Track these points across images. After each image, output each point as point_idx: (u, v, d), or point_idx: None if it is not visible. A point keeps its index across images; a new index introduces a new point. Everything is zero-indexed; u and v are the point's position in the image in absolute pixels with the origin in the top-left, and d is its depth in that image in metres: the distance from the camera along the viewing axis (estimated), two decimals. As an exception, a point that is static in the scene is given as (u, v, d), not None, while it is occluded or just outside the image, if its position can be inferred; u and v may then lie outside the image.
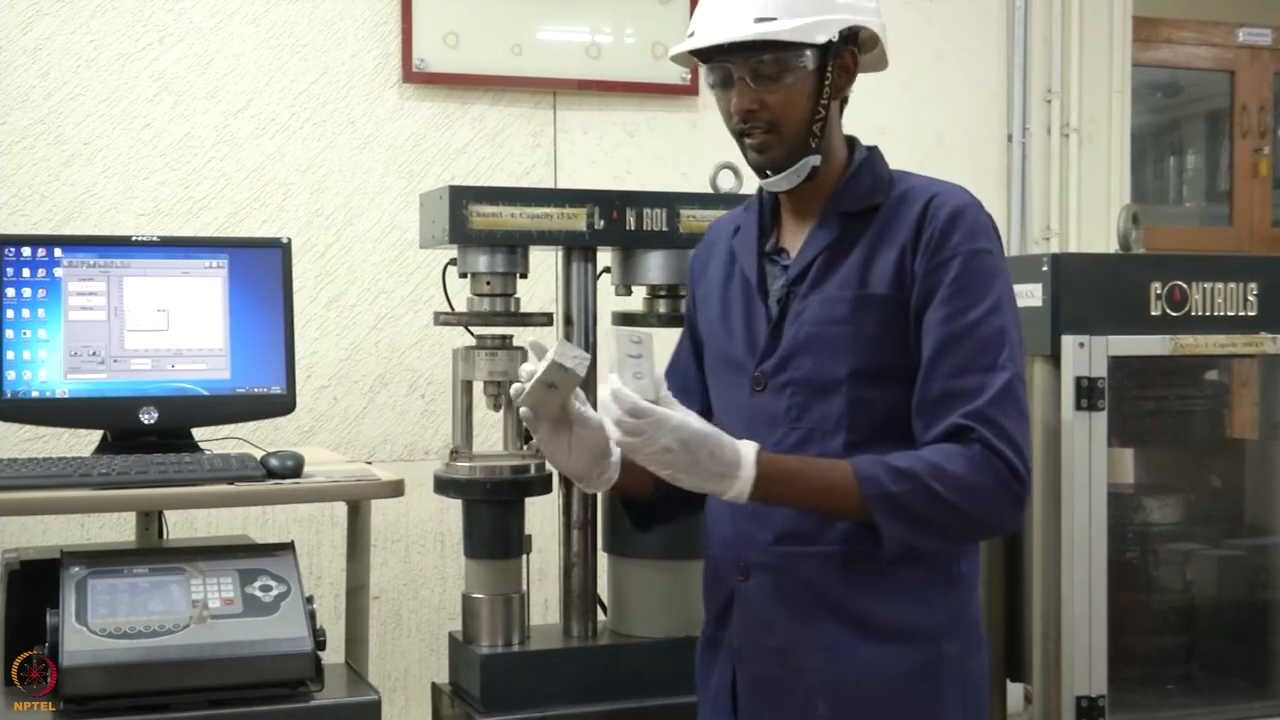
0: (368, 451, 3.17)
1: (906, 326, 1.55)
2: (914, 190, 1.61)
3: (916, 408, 1.53)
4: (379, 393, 3.20)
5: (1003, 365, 1.51)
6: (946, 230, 1.55)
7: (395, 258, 3.22)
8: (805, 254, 1.61)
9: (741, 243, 1.68)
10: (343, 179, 3.19)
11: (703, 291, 1.73)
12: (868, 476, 1.48)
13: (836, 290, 1.57)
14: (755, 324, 1.62)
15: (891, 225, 1.58)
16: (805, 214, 1.65)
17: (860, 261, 1.57)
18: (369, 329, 3.20)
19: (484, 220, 2.28)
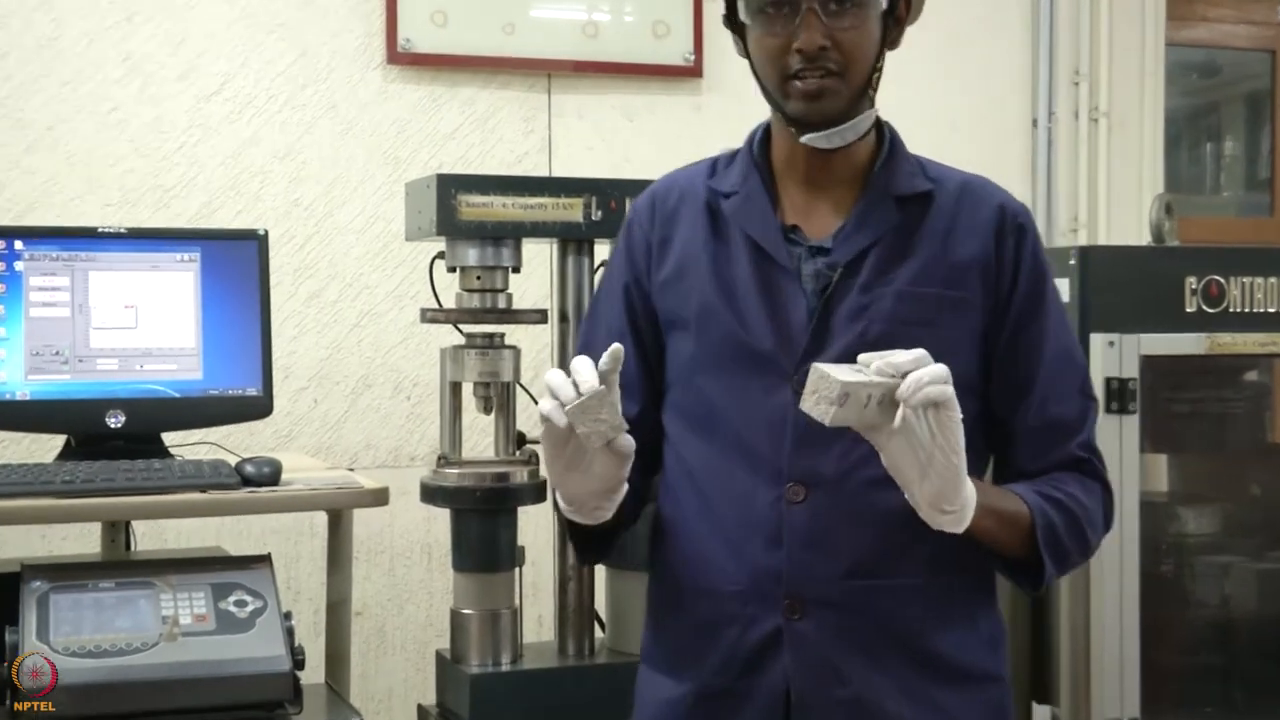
0: (349, 458, 3.17)
1: (979, 337, 1.53)
2: (970, 187, 1.58)
3: (1020, 433, 1.53)
4: (362, 395, 3.20)
5: (1092, 392, 1.58)
6: (1035, 247, 1.56)
7: (379, 250, 3.21)
8: (856, 239, 1.52)
9: (746, 212, 1.55)
10: (323, 166, 3.19)
11: (675, 262, 1.58)
12: (1039, 508, 1.48)
13: (911, 285, 1.50)
14: (788, 314, 1.50)
15: (959, 222, 1.53)
16: (826, 188, 1.56)
17: (933, 257, 1.52)
18: (351, 327, 3.20)
19: (474, 211, 2.27)
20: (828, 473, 1.49)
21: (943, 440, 1.33)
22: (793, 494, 1.49)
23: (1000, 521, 1.47)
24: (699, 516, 1.54)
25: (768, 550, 1.50)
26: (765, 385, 1.51)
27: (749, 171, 1.58)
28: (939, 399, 1.31)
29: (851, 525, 1.49)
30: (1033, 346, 1.54)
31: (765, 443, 1.50)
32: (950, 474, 1.35)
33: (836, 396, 1.29)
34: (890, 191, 1.54)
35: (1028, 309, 1.54)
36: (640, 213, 1.63)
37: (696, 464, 1.55)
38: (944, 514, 1.38)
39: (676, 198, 1.60)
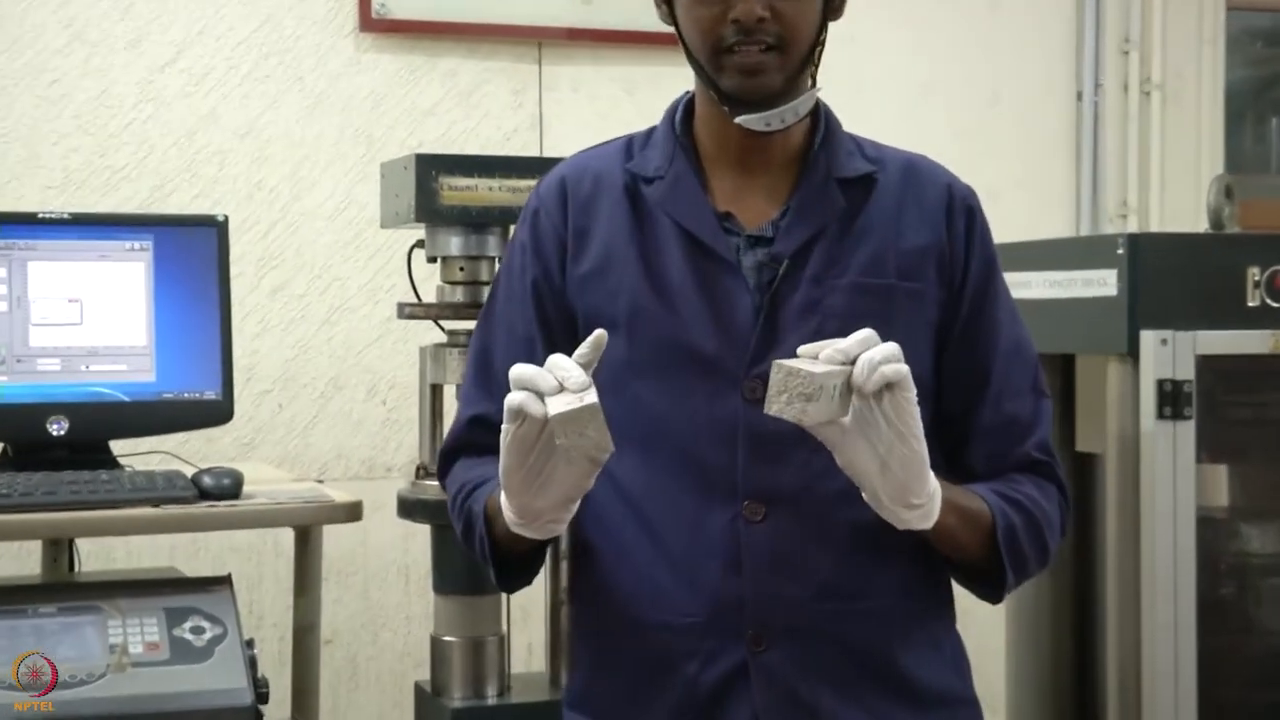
0: (319, 468, 3.18)
1: (934, 332, 1.54)
2: (915, 167, 1.58)
3: (974, 433, 1.54)
4: (332, 398, 3.21)
5: (1045, 388, 1.60)
6: (983, 231, 1.57)
7: (351, 239, 3.22)
8: (800, 227, 1.52)
9: (674, 198, 1.53)
10: (289, 146, 3.20)
11: (596, 256, 1.55)
12: (998, 508, 1.49)
13: (865, 276, 1.51)
14: (732, 312, 1.50)
15: (907, 206, 1.55)
16: (759, 172, 1.54)
17: (884, 245, 1.53)
18: (320, 323, 3.21)
19: (457, 194, 2.28)
20: (788, 487, 1.48)
21: (900, 425, 1.33)
22: (751, 512, 1.48)
23: (963, 519, 1.47)
24: (639, 543, 1.52)
25: (726, 576, 1.48)
26: (711, 392, 1.49)
27: (674, 153, 1.56)
28: (894, 378, 1.32)
29: (817, 544, 1.49)
30: (985, 340, 1.54)
31: (715, 456, 1.49)
32: (913, 463, 1.35)
33: (813, 391, 1.29)
34: (832, 174, 1.55)
35: (979, 299, 1.54)
36: (548, 200, 1.59)
37: (633, 484, 1.52)
38: (910, 508, 1.38)
39: (591, 183, 1.57)
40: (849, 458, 1.36)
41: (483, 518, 1.50)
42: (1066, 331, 2.54)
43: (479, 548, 1.52)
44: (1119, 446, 2.36)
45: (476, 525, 1.51)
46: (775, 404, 1.31)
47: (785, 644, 1.49)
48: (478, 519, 1.51)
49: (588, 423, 1.30)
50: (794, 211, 1.53)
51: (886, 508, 1.39)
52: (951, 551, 1.51)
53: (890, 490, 1.37)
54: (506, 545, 1.50)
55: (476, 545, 1.53)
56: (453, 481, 1.59)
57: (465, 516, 1.54)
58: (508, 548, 1.51)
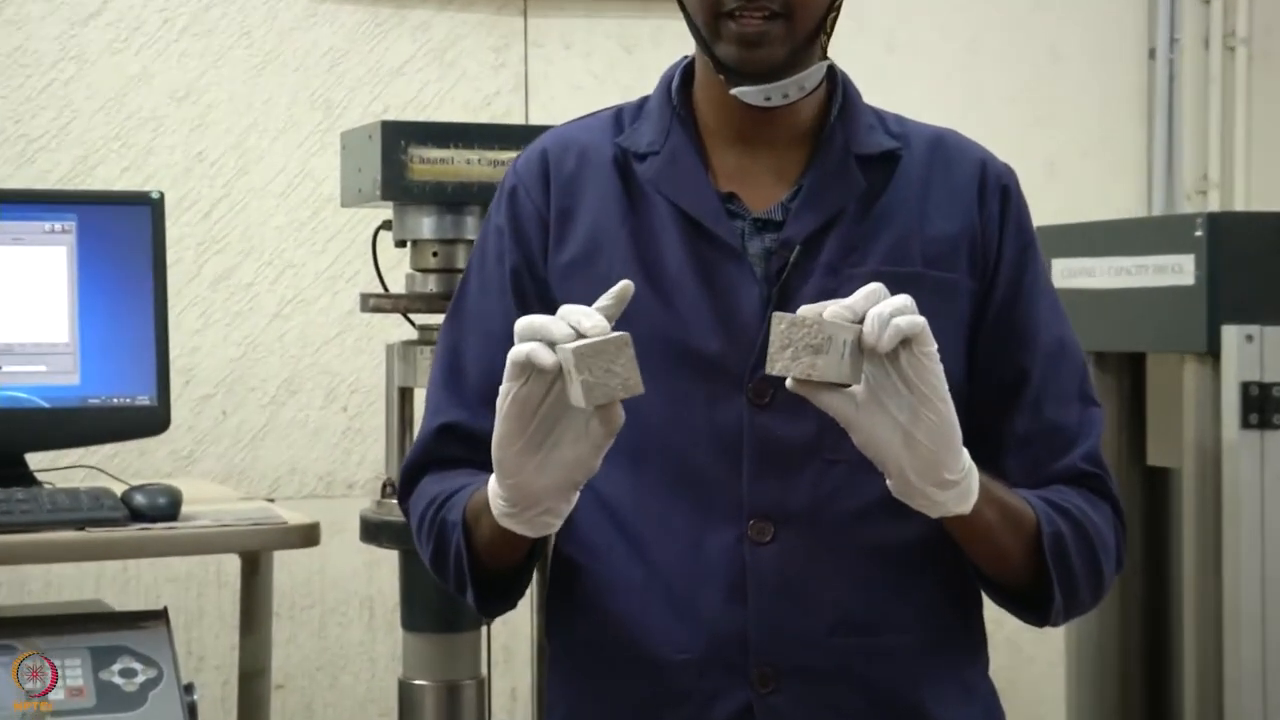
0: (269, 485, 3.18)
1: (966, 329, 1.55)
2: (944, 142, 1.59)
3: (1011, 443, 1.55)
4: (285, 404, 3.21)
5: (1094, 394, 1.61)
6: (1021, 214, 1.57)
7: (307, 219, 3.22)
8: (813, 209, 1.53)
9: (672, 177, 1.55)
10: (234, 111, 3.20)
11: (582, 241, 1.56)
12: (1044, 512, 1.48)
13: (888, 264, 1.52)
14: (737, 305, 1.51)
15: (934, 187, 1.56)
16: (765, 147, 1.56)
17: (910, 230, 1.54)
18: (271, 317, 3.21)
19: (429, 168, 2.28)
20: (800, 504, 1.48)
21: (923, 386, 1.33)
22: (757, 533, 1.48)
23: (1003, 515, 1.46)
24: (628, 567, 1.52)
25: (728, 606, 1.49)
26: (712, 396, 1.50)
27: (670, 126, 1.58)
28: (910, 331, 1.32)
29: (834, 569, 1.49)
30: (1023, 338, 1.55)
31: (716, 469, 1.49)
32: (942, 429, 1.35)
33: (821, 341, 1.29)
34: (850, 150, 1.56)
35: (1015, 291, 1.55)
36: (527, 178, 1.60)
37: (620, 499, 1.53)
38: (944, 486, 1.38)
39: (575, 159, 1.59)
40: (867, 433, 1.35)
41: (460, 527, 1.50)
42: (1136, 327, 2.54)
43: (454, 565, 1.52)
44: (1197, 460, 2.37)
45: (452, 538, 1.51)
46: (779, 361, 1.30)
47: (796, 685, 1.48)
48: (454, 530, 1.50)
49: (615, 356, 1.29)
50: (807, 192, 1.53)
51: (916, 488, 1.37)
52: (988, 559, 1.50)
53: (918, 465, 1.36)
54: (489, 558, 1.50)
55: (451, 563, 1.52)
56: (419, 499, 1.58)
57: (437, 531, 1.53)
58: (490, 562, 1.51)
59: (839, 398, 1.33)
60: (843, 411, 1.34)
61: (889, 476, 1.38)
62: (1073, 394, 1.57)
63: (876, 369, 1.33)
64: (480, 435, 1.50)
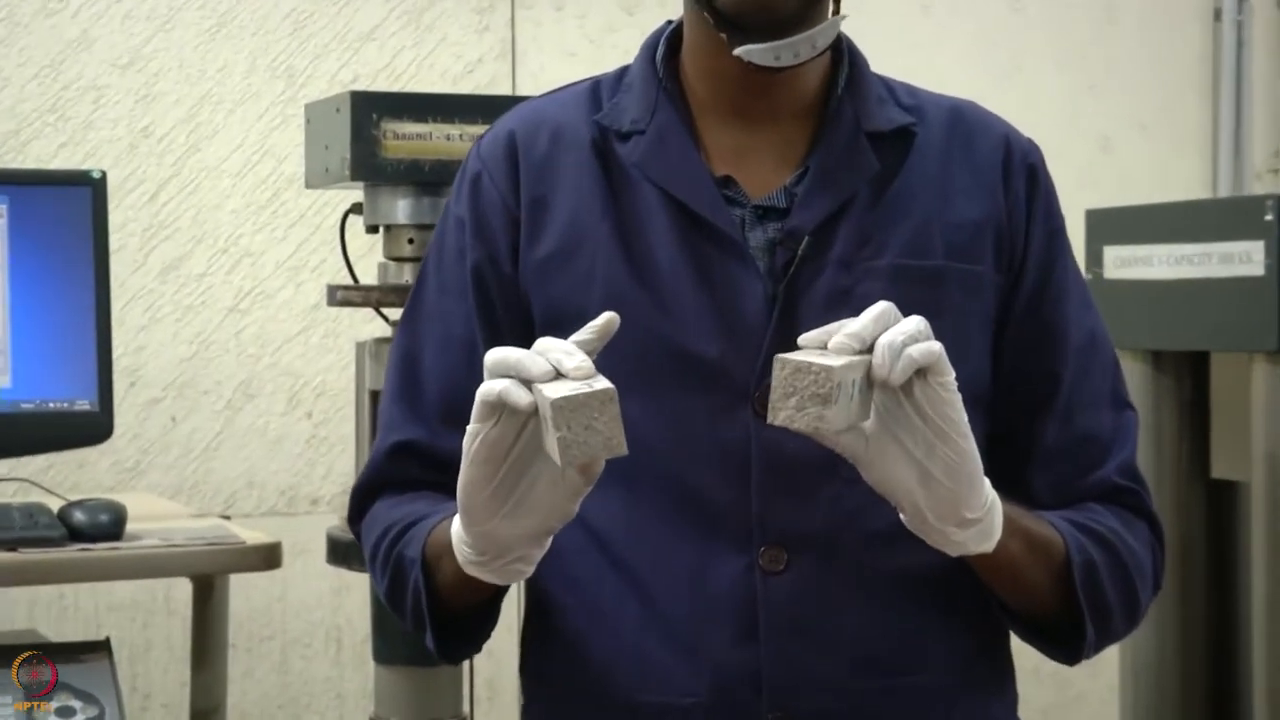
0: (224, 500, 3.18)
1: (991, 328, 1.55)
2: (962, 115, 1.59)
3: (1038, 454, 1.55)
4: (242, 410, 3.22)
5: (1128, 397, 1.61)
6: (1049, 198, 1.58)
7: (267, 202, 3.23)
8: (822, 195, 1.52)
9: (660, 159, 1.53)
10: (185, 80, 3.20)
11: (559, 233, 1.55)
12: (1073, 539, 1.49)
13: (908, 257, 1.52)
14: (739, 304, 1.50)
15: (954, 166, 1.56)
16: (765, 124, 1.55)
17: (930, 217, 1.53)
18: (226, 311, 3.21)
19: (404, 145, 2.28)
20: (816, 527, 1.48)
21: (939, 420, 1.32)
22: (769, 561, 1.48)
23: (1029, 546, 1.46)
24: (620, 602, 1.52)
25: (738, 644, 1.49)
26: (713, 408, 1.49)
27: (656, 100, 1.56)
28: (924, 361, 1.31)
29: (855, 600, 1.49)
30: (1052, 336, 1.55)
31: (721, 490, 1.49)
32: (962, 465, 1.34)
33: (829, 390, 1.28)
34: (861, 127, 1.54)
35: (1044, 284, 1.55)
36: (492, 162, 1.58)
37: (611, 525, 1.52)
38: (964, 525, 1.37)
39: (548, 140, 1.57)
40: (880, 471, 1.35)
41: (419, 564, 1.49)
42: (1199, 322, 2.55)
43: (412, 605, 1.51)
44: (1268, 471, 2.37)
45: (411, 575, 1.49)
46: (782, 411, 1.30)
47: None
48: (412, 567, 1.49)
49: (598, 412, 1.28)
50: (815, 174, 1.52)
51: (934, 528, 1.37)
52: (1013, 593, 1.50)
53: (936, 505, 1.36)
54: (451, 600, 1.50)
55: (409, 602, 1.51)
56: (372, 525, 1.58)
57: (394, 567, 1.52)
58: (452, 603, 1.50)
59: (847, 434, 1.33)
60: (851, 448, 1.34)
61: (903, 513, 1.38)
62: (1104, 397, 1.57)
63: (889, 400, 1.32)
64: (439, 455, 1.50)
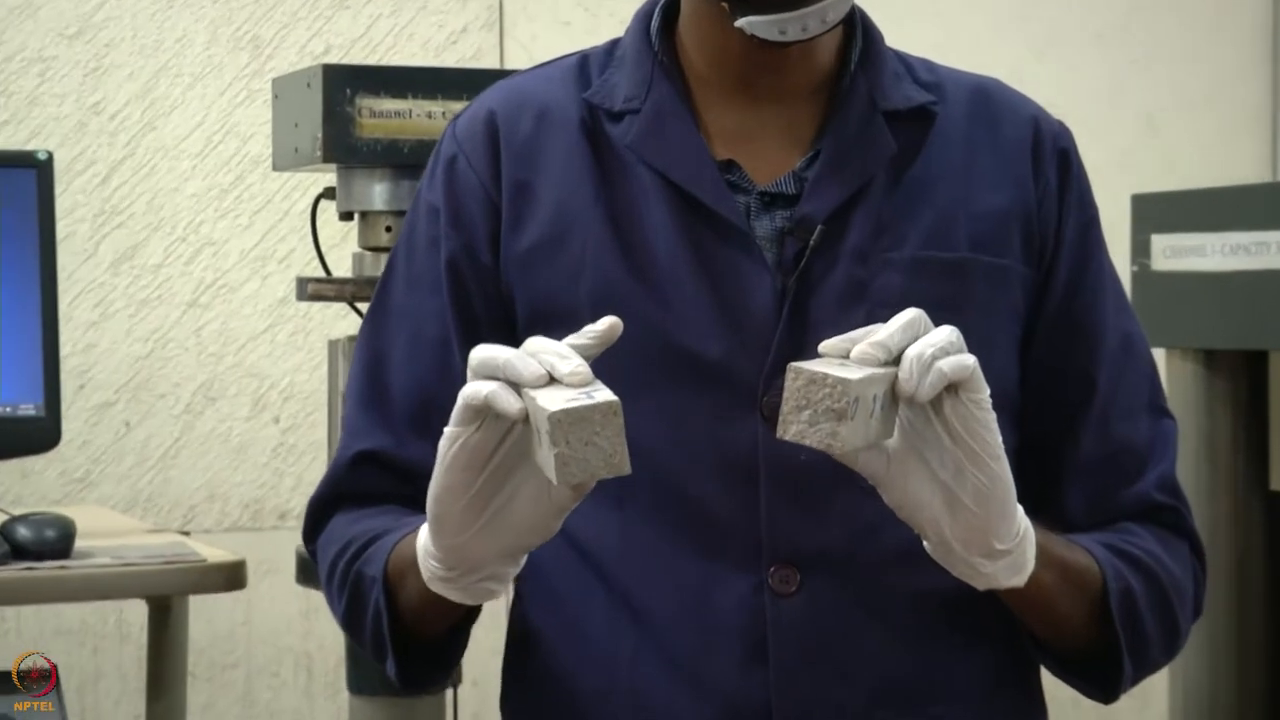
0: (183, 514, 3.19)
1: (1020, 327, 1.56)
2: (987, 95, 1.60)
3: (1071, 467, 1.56)
4: (202, 414, 3.22)
5: (1166, 404, 1.61)
6: (1082, 185, 1.59)
7: (230, 186, 3.23)
8: (835, 180, 1.52)
9: (657, 141, 1.54)
10: (139, 52, 3.20)
11: (546, 221, 1.56)
12: (1110, 565, 1.50)
13: (929, 248, 1.52)
14: (746, 300, 1.51)
15: (979, 150, 1.57)
16: (772, 103, 1.56)
17: (953, 205, 1.54)
18: (184, 306, 3.22)
19: (381, 124, 2.29)
20: (832, 544, 1.49)
21: (971, 441, 1.32)
22: (780, 581, 1.48)
23: (1063, 577, 1.47)
24: (613, 628, 1.52)
25: (746, 673, 1.49)
26: (718, 412, 1.50)
27: (651, 76, 1.57)
28: (957, 376, 1.30)
29: (875, 624, 1.49)
30: (1085, 338, 1.56)
31: (726, 503, 1.49)
32: (995, 491, 1.34)
33: (845, 404, 1.28)
34: (877, 106, 1.55)
35: (1077, 279, 1.56)
36: (470, 143, 1.59)
37: (602, 542, 1.52)
38: (993, 557, 1.37)
39: (532, 119, 1.58)
40: (902, 494, 1.35)
41: (380, 584, 1.48)
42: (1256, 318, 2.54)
43: (372, 628, 1.50)
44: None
45: (370, 596, 1.49)
46: (793, 425, 1.30)
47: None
48: (372, 587, 1.49)
49: (601, 426, 1.28)
50: (827, 157, 1.53)
51: (960, 558, 1.38)
52: (1046, 626, 1.50)
53: (964, 533, 1.36)
54: (415, 623, 1.49)
55: (368, 625, 1.51)
56: (330, 542, 1.57)
57: (352, 586, 1.51)
58: (417, 628, 1.50)
59: (867, 453, 1.33)
60: (870, 468, 1.34)
61: (926, 540, 1.38)
62: (1142, 403, 1.58)
63: (915, 416, 1.32)
64: (406, 465, 1.50)
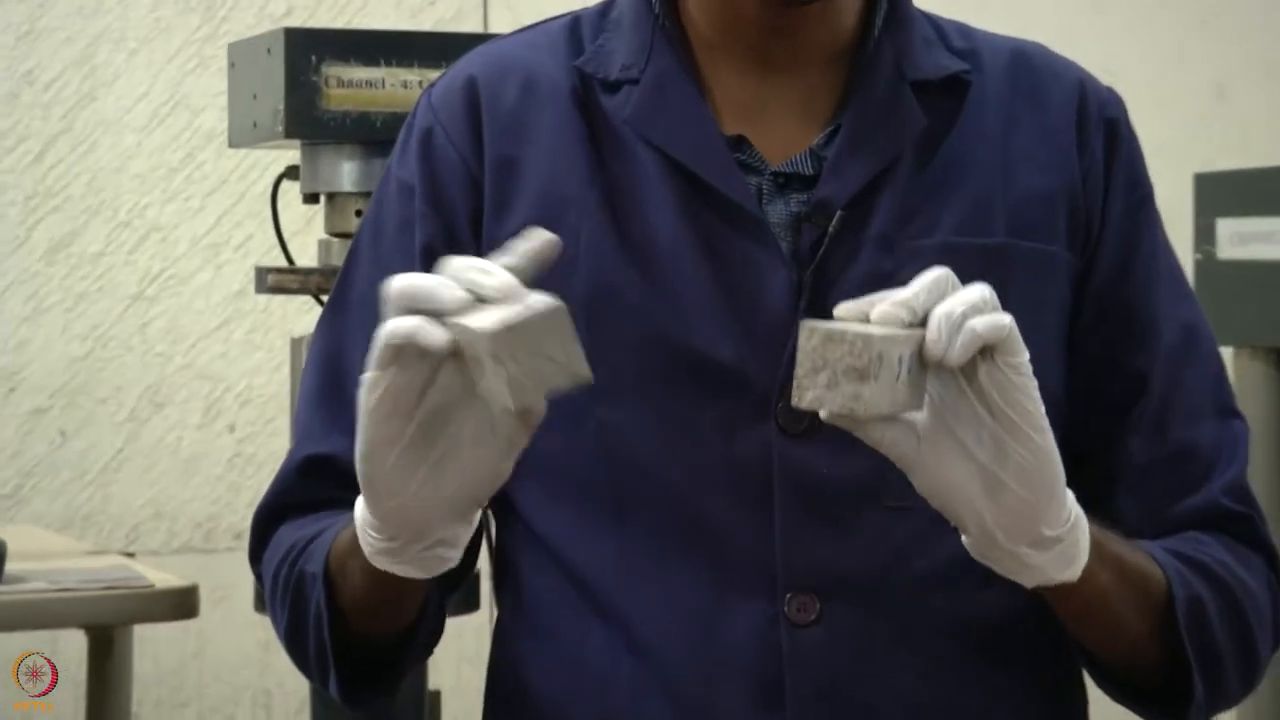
0: (126, 534, 3.19)
1: (1067, 319, 1.57)
2: (1028, 60, 1.61)
3: (1127, 472, 1.57)
4: (148, 422, 3.23)
5: (1234, 402, 1.62)
6: (1134, 159, 1.61)
7: (180, 165, 3.25)
8: (858, 159, 1.54)
9: (659, 114, 1.56)
10: (77, 13, 3.20)
11: (532, 204, 1.57)
12: (1175, 570, 1.50)
13: (960, 234, 1.54)
14: (759, 293, 1.53)
15: (1020, 123, 1.59)
16: (787, 72, 1.58)
17: (988, 186, 1.56)
18: (129, 300, 3.23)
19: (350, 94, 2.29)
20: (856, 569, 1.50)
21: (1011, 411, 1.31)
22: (797, 610, 1.50)
23: (1120, 576, 1.47)
24: (610, 662, 1.53)
25: (758, 711, 1.50)
26: (728, 421, 1.51)
27: (651, 42, 1.59)
28: (992, 336, 1.29)
29: (902, 658, 1.51)
30: (1140, 329, 1.58)
31: (736, 523, 1.50)
32: (1041, 468, 1.34)
33: (867, 363, 1.26)
34: (904, 76, 1.56)
35: (1127, 265, 1.58)
36: (447, 114, 1.60)
37: (597, 567, 1.53)
38: (1041, 546, 1.37)
39: (518, 89, 1.59)
40: (934, 477, 1.34)
41: (322, 580, 1.48)
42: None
43: (314, 637, 1.50)
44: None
45: (312, 597, 1.49)
46: (809, 390, 1.28)
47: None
48: (314, 585, 1.48)
49: (549, 333, 1.25)
50: (847, 133, 1.54)
51: (1004, 550, 1.37)
52: (1102, 636, 1.51)
53: (1006, 518, 1.35)
54: (363, 622, 1.49)
55: (310, 635, 1.51)
56: (274, 554, 1.56)
57: (294, 591, 1.51)
58: (365, 627, 1.50)
59: (894, 429, 1.32)
60: (899, 447, 1.33)
61: (965, 533, 1.37)
62: (1206, 403, 1.59)
63: (946, 387, 1.31)
64: None
